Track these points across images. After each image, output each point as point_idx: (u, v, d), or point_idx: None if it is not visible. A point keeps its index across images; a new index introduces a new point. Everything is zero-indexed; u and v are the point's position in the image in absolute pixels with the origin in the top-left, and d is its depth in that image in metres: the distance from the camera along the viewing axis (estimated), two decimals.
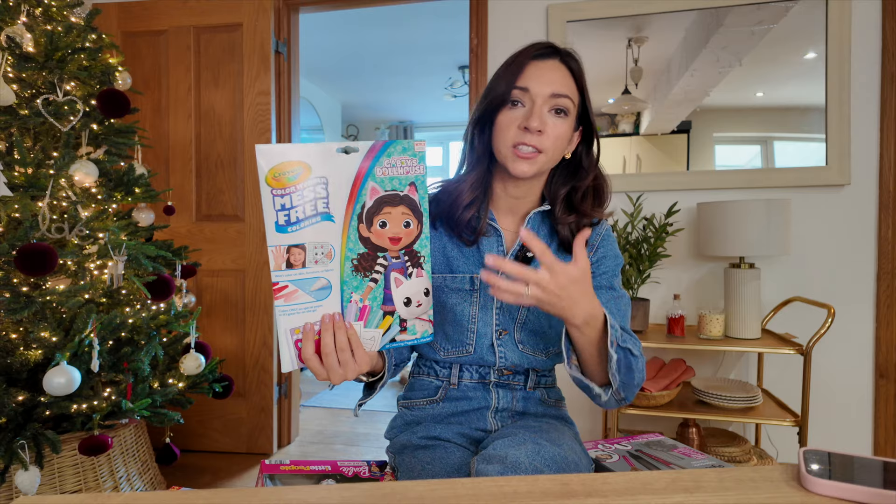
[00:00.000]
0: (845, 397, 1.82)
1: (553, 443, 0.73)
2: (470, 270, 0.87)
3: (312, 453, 2.24)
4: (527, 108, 0.79)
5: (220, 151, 2.21)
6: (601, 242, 0.88)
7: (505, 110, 0.80)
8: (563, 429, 0.85)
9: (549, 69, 0.80)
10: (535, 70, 0.79)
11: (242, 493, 0.49)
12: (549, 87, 0.78)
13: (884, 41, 1.75)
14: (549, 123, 0.78)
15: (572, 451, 0.75)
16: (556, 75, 0.79)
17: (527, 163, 0.79)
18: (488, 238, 0.87)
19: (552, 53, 0.81)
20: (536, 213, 0.88)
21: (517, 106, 0.80)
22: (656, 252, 1.71)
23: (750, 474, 0.50)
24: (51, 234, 1.34)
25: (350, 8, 2.36)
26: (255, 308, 2.21)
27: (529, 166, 0.79)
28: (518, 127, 0.79)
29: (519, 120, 0.79)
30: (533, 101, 0.78)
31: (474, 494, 0.47)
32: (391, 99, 5.00)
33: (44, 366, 1.31)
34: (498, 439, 0.75)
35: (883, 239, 1.77)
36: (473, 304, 0.86)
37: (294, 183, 0.57)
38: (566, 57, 0.82)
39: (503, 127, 0.80)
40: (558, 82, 0.79)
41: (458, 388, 0.90)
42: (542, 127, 0.77)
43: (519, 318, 0.87)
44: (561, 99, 0.79)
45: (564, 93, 0.79)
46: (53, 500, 0.48)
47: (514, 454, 0.67)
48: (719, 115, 1.89)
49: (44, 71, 1.44)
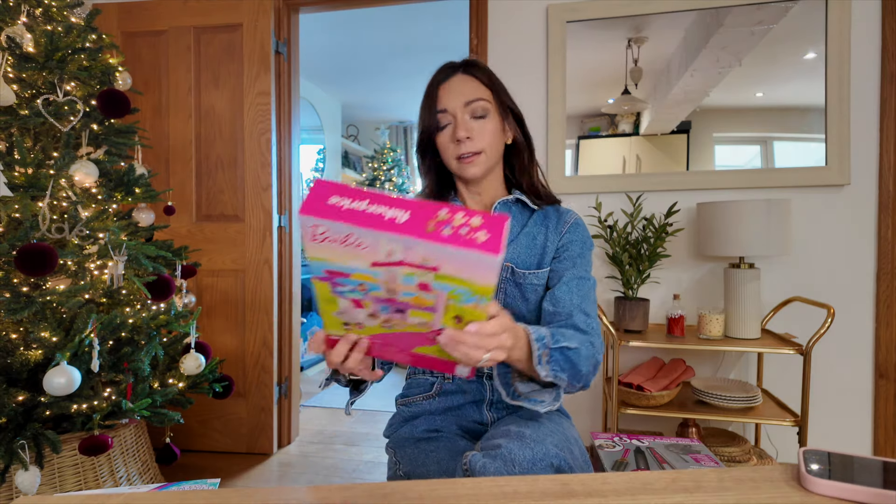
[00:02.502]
0: (845, 397, 1.82)
1: (550, 420, 0.80)
2: None
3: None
4: (453, 124, 0.90)
5: (220, 151, 2.21)
6: (568, 230, 0.94)
7: (439, 134, 0.92)
8: (560, 416, 0.90)
9: (456, 84, 0.91)
10: (445, 90, 0.91)
11: (242, 493, 0.49)
12: (460, 99, 0.90)
13: (884, 41, 1.75)
14: (475, 128, 0.90)
15: (570, 430, 0.81)
16: (463, 87, 0.90)
17: (472, 166, 0.91)
18: None
19: (453, 70, 0.93)
20: (500, 202, 0.96)
21: (446, 127, 0.91)
22: (656, 252, 1.71)
23: (750, 474, 0.50)
24: (51, 235, 1.34)
25: (350, 8, 2.36)
26: (255, 308, 2.21)
27: (476, 168, 0.91)
28: (453, 142, 0.91)
29: (451, 136, 0.91)
30: (454, 116, 0.90)
31: (474, 494, 0.47)
32: (391, 99, 5.00)
33: (44, 366, 1.31)
34: (500, 424, 0.82)
35: (883, 239, 1.77)
36: None
37: None
38: (467, 68, 0.92)
39: (443, 147, 0.93)
40: (466, 91, 0.90)
41: (452, 382, 0.94)
42: (469, 133, 0.89)
43: (497, 298, 0.92)
44: (474, 103, 0.90)
45: (475, 97, 0.90)
46: (53, 500, 0.48)
47: (516, 429, 0.73)
48: (719, 115, 1.89)
49: (44, 71, 1.44)
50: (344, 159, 5.24)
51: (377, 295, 0.55)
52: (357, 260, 0.51)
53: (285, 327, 2.29)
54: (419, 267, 0.50)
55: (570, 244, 0.93)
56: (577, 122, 1.98)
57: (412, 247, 0.47)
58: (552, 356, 0.74)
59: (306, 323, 3.70)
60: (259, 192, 2.19)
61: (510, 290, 0.91)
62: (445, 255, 0.47)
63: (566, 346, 0.75)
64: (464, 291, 0.52)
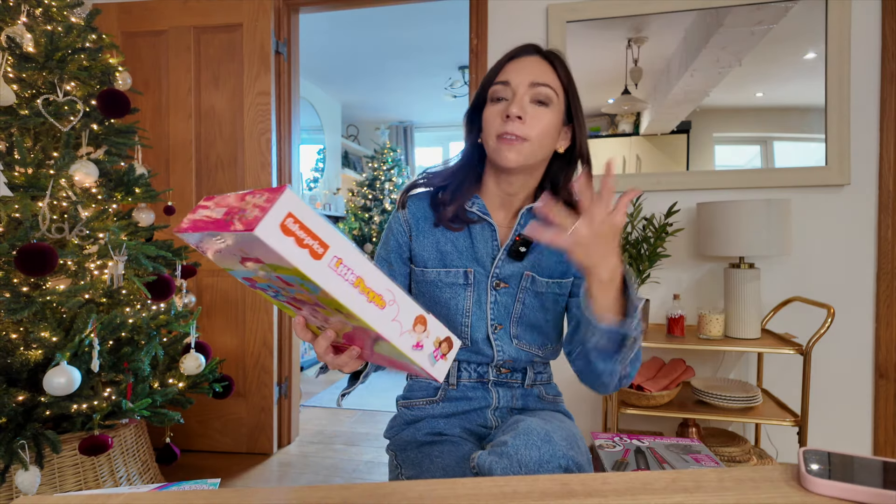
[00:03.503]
0: (845, 397, 1.82)
1: (555, 418, 0.78)
2: (464, 265, 0.87)
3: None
4: (510, 101, 0.81)
5: (220, 151, 2.21)
6: None
7: (489, 106, 0.83)
8: (563, 417, 0.88)
9: (529, 63, 0.82)
10: (516, 64, 0.83)
11: (242, 493, 0.49)
12: (527, 77, 0.80)
13: (884, 41, 1.75)
14: (531, 112, 0.80)
15: (575, 428, 0.79)
16: (535, 67, 0.82)
17: (512, 150, 0.79)
18: (482, 232, 0.87)
19: (532, 51, 0.84)
20: (528, 209, 0.88)
21: (500, 101, 0.82)
22: (656, 252, 1.71)
23: (750, 474, 0.50)
24: (51, 234, 1.34)
25: (350, 8, 2.36)
26: (255, 308, 2.21)
27: (515, 154, 0.80)
28: (501, 117, 0.81)
29: (502, 110, 0.81)
30: (514, 92, 0.81)
31: (474, 494, 0.47)
32: (391, 99, 5.00)
33: (44, 366, 1.31)
34: (506, 422, 0.79)
35: (883, 239, 1.77)
36: (467, 299, 0.87)
37: None
38: (547, 54, 0.84)
39: (488, 121, 0.83)
40: (537, 72, 0.81)
41: (457, 388, 0.90)
42: (522, 114, 0.79)
43: (514, 312, 0.87)
44: (541, 88, 0.80)
45: (544, 82, 0.80)
46: (53, 500, 0.48)
47: (524, 424, 0.70)
48: (719, 115, 1.89)
49: (44, 71, 1.44)
50: (344, 159, 5.24)
51: (287, 294, 0.50)
52: (232, 263, 0.47)
53: (285, 327, 2.29)
54: (252, 260, 0.44)
55: None
56: None
57: (228, 240, 0.42)
58: (637, 325, 0.71)
59: None
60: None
61: (528, 301, 0.87)
62: (241, 242, 0.41)
63: (638, 329, 0.73)
64: (297, 280, 0.44)
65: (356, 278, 0.44)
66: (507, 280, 0.87)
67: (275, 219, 0.38)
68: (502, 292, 0.87)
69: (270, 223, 0.38)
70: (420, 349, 0.50)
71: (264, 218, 0.38)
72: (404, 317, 0.48)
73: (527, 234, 0.67)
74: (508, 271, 0.86)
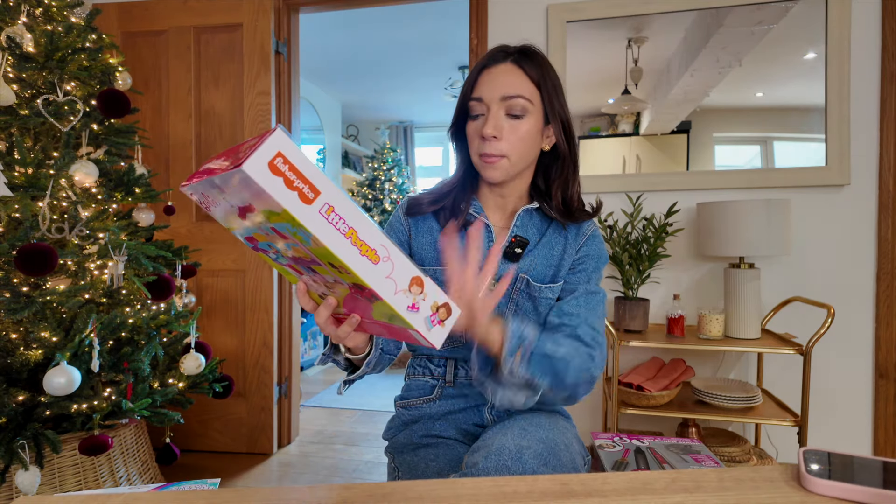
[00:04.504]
0: (845, 397, 1.82)
1: (540, 426, 0.74)
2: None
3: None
4: (485, 116, 0.81)
5: (220, 151, 2.21)
6: (586, 241, 0.90)
7: (470, 122, 0.84)
8: (556, 417, 0.86)
9: (500, 74, 0.81)
10: (487, 77, 0.82)
11: (242, 493, 0.49)
12: (498, 91, 0.80)
13: (884, 41, 1.75)
14: (506, 127, 0.80)
15: (562, 434, 0.76)
16: (506, 79, 0.81)
17: (493, 169, 0.82)
18: (477, 232, 0.88)
19: (503, 58, 0.82)
20: (524, 210, 0.89)
21: (478, 118, 0.83)
22: (656, 252, 1.71)
23: (750, 474, 0.50)
24: (51, 234, 1.34)
25: (350, 8, 2.36)
26: (255, 308, 2.21)
27: (496, 172, 0.82)
28: (478, 136, 0.82)
29: (479, 129, 0.82)
30: (488, 107, 0.81)
31: (474, 494, 0.47)
32: (391, 99, 5.00)
33: (44, 366, 1.31)
34: (487, 432, 0.77)
35: (883, 239, 1.77)
36: None
37: None
38: (518, 57, 0.82)
39: (470, 139, 0.85)
40: (507, 84, 0.80)
41: (454, 385, 0.91)
42: (498, 132, 0.79)
43: (508, 309, 0.89)
44: (513, 100, 0.80)
45: (515, 93, 0.80)
46: (53, 500, 0.48)
47: (499, 441, 0.69)
48: (719, 115, 1.89)
49: (44, 71, 1.44)
50: (344, 159, 5.24)
51: (286, 254, 0.49)
52: (233, 220, 0.46)
53: (285, 327, 2.29)
54: (248, 210, 0.43)
55: (587, 258, 0.89)
56: (577, 122, 1.98)
57: (229, 187, 0.41)
58: (532, 359, 0.72)
59: (306, 323, 3.70)
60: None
61: (522, 303, 0.88)
62: (234, 186, 0.40)
63: (551, 353, 0.74)
64: (289, 227, 0.43)
65: (349, 229, 0.43)
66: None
67: (263, 156, 0.38)
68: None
69: (259, 160, 0.38)
70: (416, 311, 0.49)
71: (252, 154, 0.38)
72: (399, 275, 0.47)
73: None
74: (503, 271, 0.87)
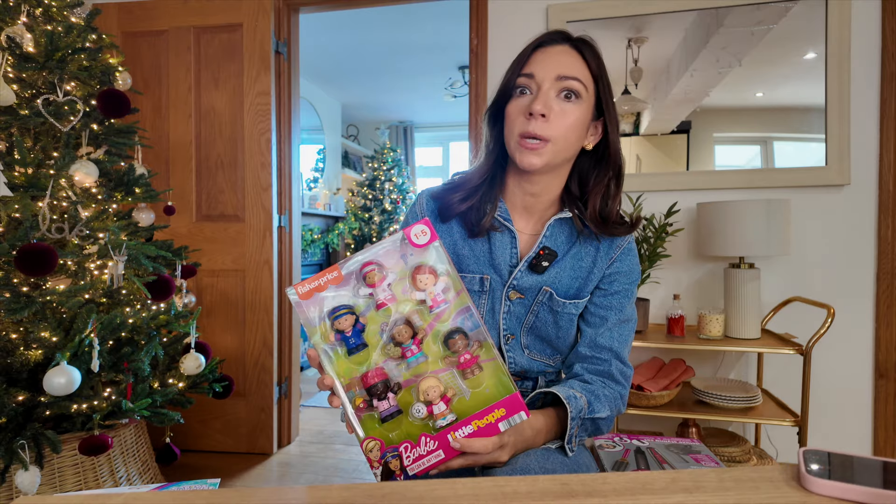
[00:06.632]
0: (845, 397, 1.82)
1: (561, 449, 0.74)
2: (480, 271, 0.83)
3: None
4: (534, 95, 0.75)
5: (220, 151, 2.21)
6: (619, 256, 0.83)
7: (513, 100, 0.77)
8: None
9: (556, 53, 0.76)
10: (541, 55, 0.76)
11: (242, 493, 0.49)
12: (554, 70, 0.74)
13: (884, 41, 1.75)
14: (556, 108, 0.74)
15: (583, 456, 0.77)
16: (563, 58, 0.75)
17: (533, 154, 0.74)
18: (501, 238, 0.83)
19: (561, 40, 0.78)
20: (555, 219, 0.82)
21: (525, 94, 0.76)
22: (656, 252, 1.71)
23: (750, 474, 0.50)
24: (51, 234, 1.34)
25: (350, 8, 2.36)
26: (255, 308, 2.21)
27: (537, 158, 0.74)
28: (523, 114, 0.75)
29: (525, 106, 0.75)
30: (539, 86, 0.74)
31: (474, 494, 0.47)
32: (391, 99, 5.00)
33: (44, 366, 1.31)
34: None
35: (882, 239, 1.77)
36: (481, 307, 0.84)
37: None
38: (578, 43, 0.77)
39: (510, 117, 0.77)
40: (565, 64, 0.74)
41: None
42: (547, 111, 0.73)
43: (525, 322, 0.85)
44: (569, 81, 0.74)
45: (572, 75, 0.74)
46: (53, 500, 0.48)
47: (522, 460, 0.68)
48: (719, 115, 1.89)
49: (44, 71, 1.44)
50: (344, 159, 5.24)
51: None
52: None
53: (285, 327, 2.29)
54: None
55: (619, 276, 0.83)
56: None
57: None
58: (583, 425, 0.73)
59: None
60: (259, 192, 2.19)
61: (543, 315, 0.83)
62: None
63: (599, 416, 0.75)
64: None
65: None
66: (524, 291, 0.83)
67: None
68: (516, 302, 0.84)
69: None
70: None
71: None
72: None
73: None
74: (527, 283, 0.82)
